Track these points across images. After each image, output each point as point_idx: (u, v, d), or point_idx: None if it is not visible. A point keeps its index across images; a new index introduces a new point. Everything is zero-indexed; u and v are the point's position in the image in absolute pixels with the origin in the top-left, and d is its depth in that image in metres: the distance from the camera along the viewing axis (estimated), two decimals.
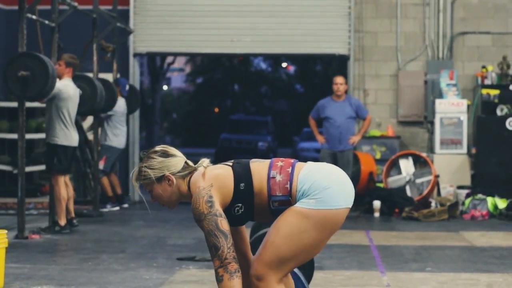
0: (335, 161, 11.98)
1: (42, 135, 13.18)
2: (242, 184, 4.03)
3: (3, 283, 6.18)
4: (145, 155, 4.18)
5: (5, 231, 6.20)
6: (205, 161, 4.14)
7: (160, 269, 7.21)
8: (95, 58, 11.72)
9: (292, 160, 4.13)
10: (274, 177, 4.03)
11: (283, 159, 4.15)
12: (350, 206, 4.06)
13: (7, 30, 13.65)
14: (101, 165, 12.10)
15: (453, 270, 7.38)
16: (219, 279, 3.88)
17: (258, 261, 4.00)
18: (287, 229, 3.96)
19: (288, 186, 4.01)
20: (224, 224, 3.93)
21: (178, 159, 4.14)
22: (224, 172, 4.06)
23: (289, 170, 4.05)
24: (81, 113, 11.27)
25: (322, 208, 3.96)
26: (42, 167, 13.20)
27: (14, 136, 12.30)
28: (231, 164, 4.12)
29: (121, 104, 12.36)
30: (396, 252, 8.41)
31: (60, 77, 9.57)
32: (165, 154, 4.13)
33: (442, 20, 13.82)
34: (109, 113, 12.14)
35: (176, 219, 11.17)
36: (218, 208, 3.95)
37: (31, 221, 10.31)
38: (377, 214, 11.73)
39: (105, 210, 12.06)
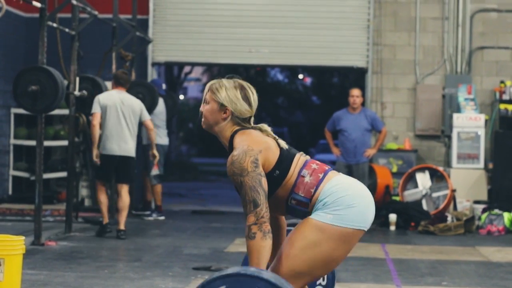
0: (350, 174, 11.96)
1: (59, 143, 13.26)
2: (277, 171, 4.02)
3: None
4: (236, 81, 4.20)
5: (23, 238, 6.22)
6: (265, 126, 4.15)
7: (176, 278, 7.22)
8: (114, 66, 11.78)
9: (327, 167, 4.12)
10: (304, 176, 4.04)
11: (319, 162, 4.15)
12: (366, 229, 4.04)
13: (27, 38, 13.72)
14: (155, 171, 12.18)
15: (469, 285, 7.35)
16: (251, 236, 3.82)
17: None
18: (302, 243, 3.95)
19: (312, 190, 4.01)
20: (266, 185, 3.92)
21: (248, 110, 4.15)
22: (274, 151, 4.04)
23: (321, 175, 4.05)
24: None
25: (338, 225, 3.95)
26: (59, 174, 13.28)
27: (32, 143, 12.38)
28: (283, 147, 4.10)
29: (160, 103, 12.42)
30: (412, 266, 8.39)
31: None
32: (245, 97, 4.16)
33: (461, 35, 13.80)
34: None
35: (192, 228, 11.18)
36: (262, 170, 3.94)
37: (48, 228, 10.34)
38: (393, 228, 11.69)
39: (150, 218, 12.25)
